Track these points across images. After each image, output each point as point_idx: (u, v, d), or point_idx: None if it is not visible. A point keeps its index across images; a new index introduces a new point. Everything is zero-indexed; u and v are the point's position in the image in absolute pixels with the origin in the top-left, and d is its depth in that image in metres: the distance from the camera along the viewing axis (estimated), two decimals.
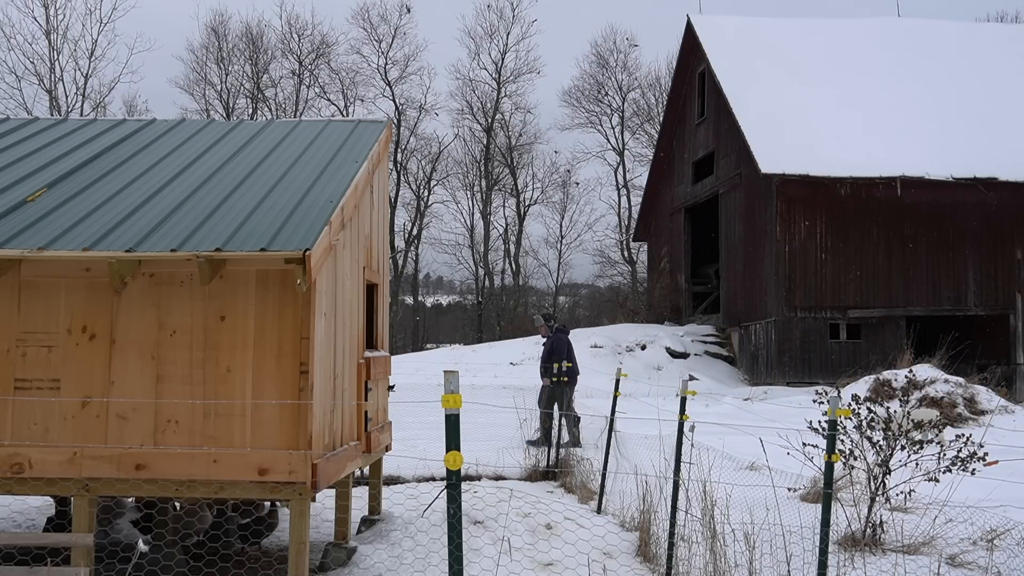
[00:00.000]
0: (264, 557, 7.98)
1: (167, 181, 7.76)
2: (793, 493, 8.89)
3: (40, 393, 6.51)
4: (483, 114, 56.51)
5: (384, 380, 9.37)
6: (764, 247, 28.32)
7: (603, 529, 8.34)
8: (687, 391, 7.88)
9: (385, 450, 9.29)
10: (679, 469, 7.43)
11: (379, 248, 9.25)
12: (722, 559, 6.73)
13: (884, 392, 18.39)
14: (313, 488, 6.33)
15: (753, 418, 15.23)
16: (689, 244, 35.83)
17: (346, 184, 7.53)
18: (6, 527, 9.04)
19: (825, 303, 27.52)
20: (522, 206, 57.21)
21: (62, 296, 6.61)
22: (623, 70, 57.86)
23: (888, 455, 8.90)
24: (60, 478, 6.41)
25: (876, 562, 7.45)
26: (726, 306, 31.89)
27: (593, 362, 28.17)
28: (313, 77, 55.19)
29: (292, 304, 6.49)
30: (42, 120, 9.77)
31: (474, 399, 10.56)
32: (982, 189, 27.36)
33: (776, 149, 27.29)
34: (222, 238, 6.35)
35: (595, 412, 13.30)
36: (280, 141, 9.09)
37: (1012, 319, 27.87)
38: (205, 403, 6.44)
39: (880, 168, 27.17)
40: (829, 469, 5.76)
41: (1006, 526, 7.70)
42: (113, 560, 7.14)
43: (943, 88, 30.55)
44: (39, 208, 6.99)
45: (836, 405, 5.93)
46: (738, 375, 29.72)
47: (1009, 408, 18.66)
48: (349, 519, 8.13)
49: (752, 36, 32.94)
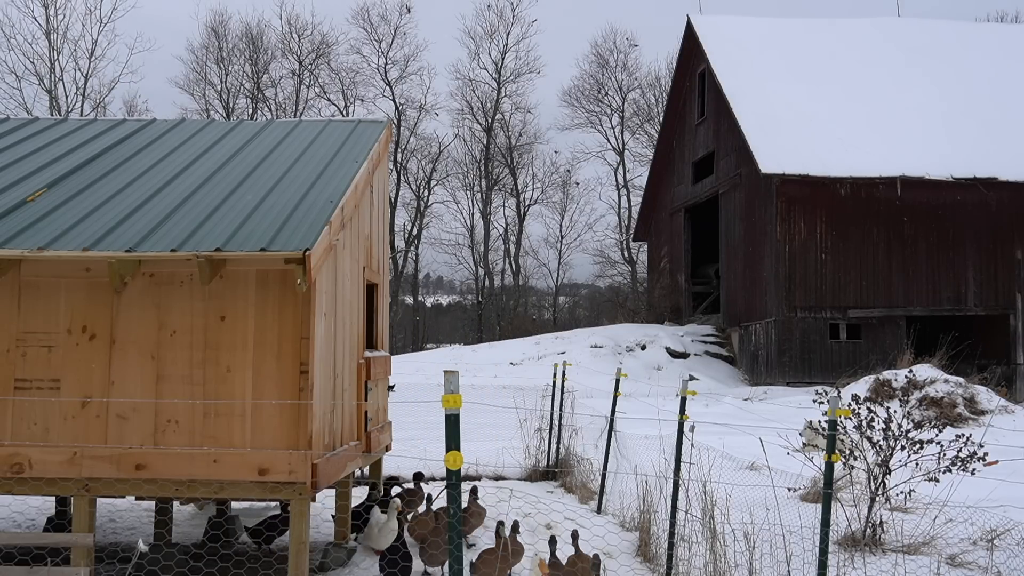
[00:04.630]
0: (264, 557, 7.98)
1: (167, 181, 7.76)
2: (793, 493, 8.89)
3: (40, 393, 6.51)
4: (483, 114, 56.57)
5: (384, 380, 9.37)
6: (764, 247, 28.32)
7: (603, 529, 8.33)
8: (687, 391, 7.88)
9: (385, 450, 9.29)
10: (679, 469, 7.42)
11: (379, 248, 9.25)
12: (722, 559, 6.73)
13: (884, 392, 18.40)
14: (313, 488, 6.33)
15: (753, 418, 15.23)
16: (689, 244, 35.83)
17: (346, 184, 7.53)
18: (6, 527, 9.04)
19: (825, 303, 27.52)
20: (522, 206, 57.27)
21: (62, 296, 6.61)
22: (623, 70, 57.99)
23: (888, 455, 8.91)
24: (60, 478, 6.41)
25: (876, 562, 7.45)
26: (726, 306, 31.88)
27: (593, 362, 28.20)
28: (313, 77, 55.27)
29: (292, 304, 6.49)
30: (42, 120, 9.77)
31: (474, 399, 10.56)
32: (982, 189, 27.36)
33: (776, 149, 27.30)
34: (222, 238, 6.35)
35: (595, 412, 13.29)
36: (280, 141, 9.09)
37: (1012, 319, 27.87)
38: (205, 403, 6.44)
39: (880, 168, 27.18)
40: (829, 469, 5.76)
41: (1006, 526, 7.70)
42: (113, 560, 7.14)
43: (943, 88, 30.56)
44: (39, 208, 6.98)
45: (836, 405, 5.92)
46: (738, 375, 29.72)
47: (1009, 408, 18.68)
48: (349, 519, 8.13)
49: (752, 36, 32.94)
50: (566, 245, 59.16)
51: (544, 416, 12.87)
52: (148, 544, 7.51)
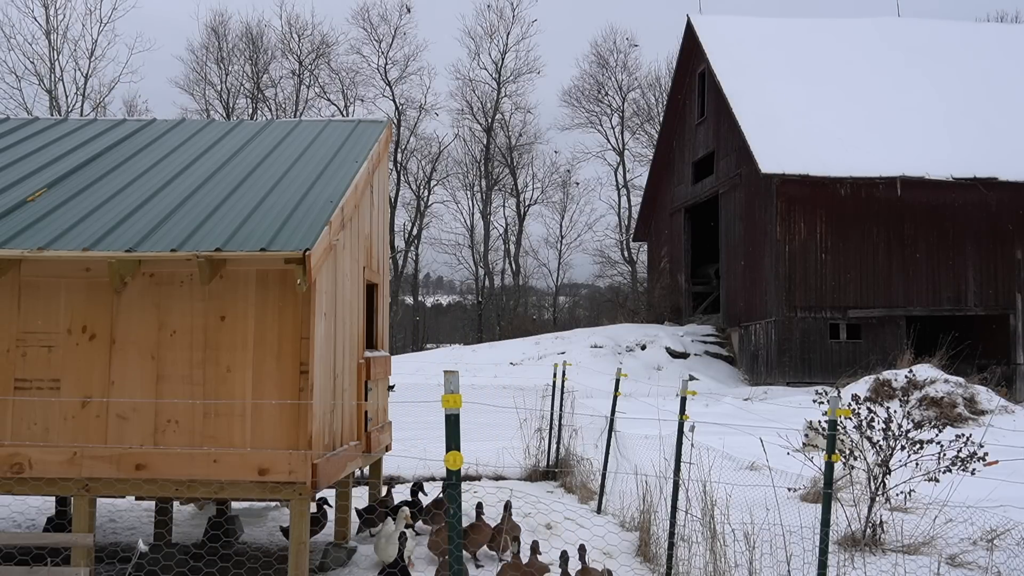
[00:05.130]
0: (264, 557, 7.98)
1: (167, 181, 7.76)
2: (793, 493, 8.89)
3: (40, 393, 6.51)
4: (483, 114, 56.58)
5: (384, 380, 9.37)
6: (764, 247, 28.32)
7: (603, 529, 8.33)
8: (687, 391, 7.87)
9: (385, 450, 9.29)
10: (679, 469, 7.42)
11: (379, 248, 9.25)
12: (722, 559, 6.73)
13: (884, 392, 18.40)
14: (313, 488, 6.33)
15: (753, 418, 15.23)
16: (689, 244, 35.83)
17: (346, 184, 7.53)
18: (6, 527, 9.04)
19: (825, 303, 27.52)
20: (522, 206, 57.27)
21: (62, 296, 6.61)
22: (623, 70, 58.00)
23: (888, 455, 8.90)
24: (60, 478, 6.41)
25: (876, 562, 7.45)
26: (726, 306, 31.88)
27: (593, 362, 28.20)
28: (313, 77, 55.28)
29: (292, 304, 6.49)
30: (42, 120, 9.77)
31: (474, 399, 10.56)
32: (982, 189, 27.36)
33: (776, 149, 27.30)
34: (222, 238, 6.35)
35: (595, 412, 13.29)
36: (280, 141, 9.09)
37: (1012, 319, 27.87)
38: (205, 403, 6.44)
39: (880, 168, 27.18)
40: (829, 469, 5.75)
41: (1006, 526, 7.70)
42: (113, 560, 7.14)
43: (944, 89, 30.56)
44: (39, 208, 6.98)
45: (836, 405, 5.92)
46: (738, 375, 29.72)
47: (1009, 408, 18.67)
48: (349, 519, 8.13)
49: (752, 36, 32.94)
50: (566, 245, 59.25)
51: (544, 416, 12.87)
52: (148, 544, 7.51)
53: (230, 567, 7.33)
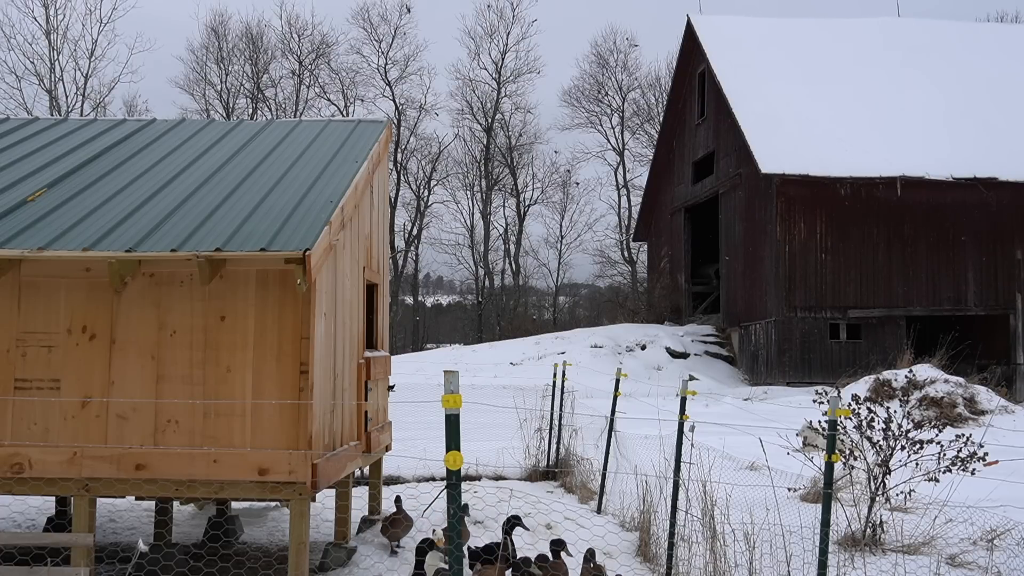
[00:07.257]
0: (264, 557, 7.98)
1: (167, 181, 7.76)
2: (793, 493, 8.89)
3: (40, 393, 6.51)
4: (483, 114, 56.56)
5: (384, 380, 9.37)
6: (764, 247, 28.32)
7: (603, 529, 8.34)
8: (687, 391, 7.87)
9: (385, 450, 9.29)
10: (679, 469, 7.42)
11: (379, 248, 9.25)
12: (722, 559, 6.73)
13: (884, 392, 18.41)
14: (313, 488, 6.33)
15: (753, 418, 15.23)
16: (689, 244, 35.83)
17: (346, 184, 7.53)
18: (6, 527, 9.04)
19: (825, 303, 27.52)
20: (522, 206, 57.26)
21: (62, 296, 6.61)
22: (623, 70, 57.98)
23: (888, 455, 8.90)
24: (60, 478, 6.41)
25: (876, 562, 7.45)
26: (726, 306, 31.88)
27: (593, 362, 28.20)
28: (313, 77, 55.28)
29: (292, 304, 6.49)
30: (42, 120, 9.77)
31: (474, 399, 10.55)
32: (982, 189, 27.36)
33: (776, 149, 27.30)
34: (222, 238, 6.35)
35: (595, 412, 13.28)
36: (280, 141, 9.09)
37: (1012, 319, 27.87)
38: (205, 403, 6.44)
39: (880, 168, 27.18)
40: (829, 469, 5.75)
41: (1006, 526, 7.69)
42: (113, 560, 7.14)
43: (944, 89, 30.56)
44: (39, 208, 6.99)
45: (836, 405, 5.92)
46: (738, 375, 29.72)
47: (1009, 408, 18.68)
48: (349, 519, 8.13)
49: (752, 36, 32.95)
50: (566, 245, 59.20)
51: (544, 416, 12.87)
52: (148, 544, 7.51)
53: (230, 567, 7.33)
